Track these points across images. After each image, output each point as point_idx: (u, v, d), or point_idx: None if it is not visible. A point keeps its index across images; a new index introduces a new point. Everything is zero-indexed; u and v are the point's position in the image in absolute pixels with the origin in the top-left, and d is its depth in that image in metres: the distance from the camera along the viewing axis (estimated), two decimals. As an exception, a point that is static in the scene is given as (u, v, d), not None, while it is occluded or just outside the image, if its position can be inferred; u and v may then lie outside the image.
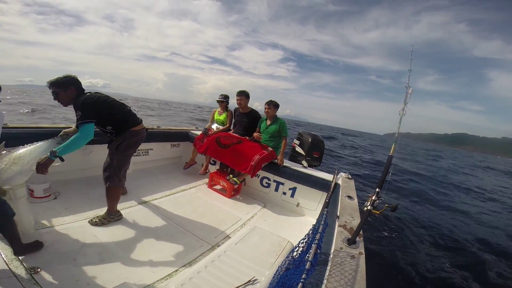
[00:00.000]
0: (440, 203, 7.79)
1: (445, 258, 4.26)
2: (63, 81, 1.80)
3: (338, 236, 1.50)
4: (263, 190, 3.33)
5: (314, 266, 1.00)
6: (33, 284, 1.33)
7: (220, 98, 3.66)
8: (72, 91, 1.83)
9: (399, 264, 3.74)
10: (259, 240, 1.89)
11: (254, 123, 3.46)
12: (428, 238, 5.05)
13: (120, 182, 2.10)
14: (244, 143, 3.16)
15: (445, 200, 8.86)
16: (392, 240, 4.47)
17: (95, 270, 1.56)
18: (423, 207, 7.02)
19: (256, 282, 1.44)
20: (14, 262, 1.44)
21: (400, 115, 1.45)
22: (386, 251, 3.99)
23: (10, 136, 2.04)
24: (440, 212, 7.16)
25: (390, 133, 65.32)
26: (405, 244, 4.46)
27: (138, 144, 2.18)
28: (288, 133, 3.28)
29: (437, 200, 8.16)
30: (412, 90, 1.45)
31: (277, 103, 3.28)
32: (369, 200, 1.37)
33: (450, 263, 4.14)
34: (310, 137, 3.52)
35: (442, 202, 8.25)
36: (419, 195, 8.25)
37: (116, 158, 2.03)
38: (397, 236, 4.69)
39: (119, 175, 2.06)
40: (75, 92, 1.84)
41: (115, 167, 2.03)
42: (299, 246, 1.42)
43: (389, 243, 4.31)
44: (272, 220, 2.80)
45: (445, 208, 7.64)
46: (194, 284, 1.37)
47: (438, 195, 9.28)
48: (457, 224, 6.48)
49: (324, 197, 2.81)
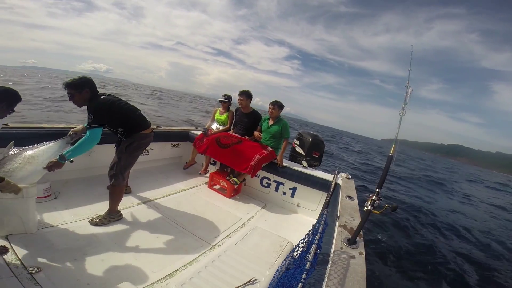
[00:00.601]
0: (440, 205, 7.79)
1: (446, 258, 4.26)
2: (78, 83, 1.84)
3: (338, 236, 1.50)
4: (263, 190, 3.33)
5: (314, 266, 1.00)
6: (33, 284, 1.33)
7: (223, 98, 3.65)
8: (86, 92, 1.87)
9: (399, 264, 3.74)
10: (259, 240, 1.89)
11: (255, 123, 3.46)
12: (429, 238, 5.05)
13: (124, 180, 2.18)
14: (244, 143, 3.16)
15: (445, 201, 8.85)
16: (392, 240, 4.47)
17: (95, 270, 1.56)
18: (423, 208, 7.03)
19: (256, 282, 1.44)
20: (14, 261, 1.44)
21: (400, 115, 1.45)
22: (386, 251, 3.99)
23: (10, 136, 2.04)
24: (442, 212, 7.17)
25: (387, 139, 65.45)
26: (405, 244, 4.46)
27: (146, 146, 2.26)
28: (289, 135, 3.25)
29: (437, 202, 8.16)
30: (412, 90, 1.45)
31: (282, 104, 3.25)
32: (369, 200, 1.37)
33: (450, 263, 4.14)
34: (310, 137, 3.52)
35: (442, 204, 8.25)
36: (419, 196, 8.25)
37: (124, 157, 2.10)
38: (397, 237, 4.69)
39: (123, 174, 2.14)
40: (89, 93, 1.88)
41: (122, 166, 2.10)
42: (299, 246, 1.43)
43: (389, 243, 4.31)
44: (272, 220, 2.79)
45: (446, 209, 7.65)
46: (194, 284, 1.37)
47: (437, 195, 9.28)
48: (457, 224, 6.49)
49: (324, 197, 2.81)
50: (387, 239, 4.41)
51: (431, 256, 4.23)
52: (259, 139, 3.31)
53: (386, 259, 3.75)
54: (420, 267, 3.85)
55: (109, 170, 2.12)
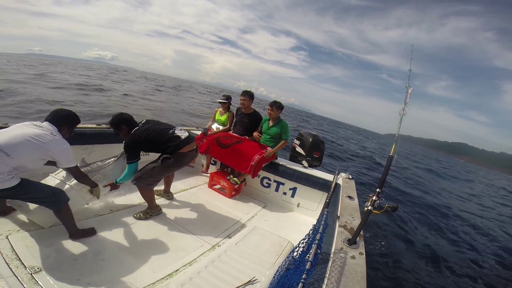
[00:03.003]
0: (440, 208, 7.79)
1: (445, 258, 4.26)
2: (114, 122, 2.08)
3: (339, 236, 1.50)
4: (264, 190, 3.33)
5: (314, 266, 1.00)
6: (33, 283, 1.33)
7: (223, 99, 3.65)
8: (124, 129, 2.08)
9: (399, 264, 3.73)
10: (260, 240, 1.88)
11: (255, 124, 3.45)
12: (429, 238, 5.05)
13: (148, 186, 2.19)
14: (244, 142, 3.16)
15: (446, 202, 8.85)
16: (393, 240, 4.47)
17: (95, 270, 1.56)
18: (423, 209, 7.03)
19: (256, 282, 1.44)
20: (14, 261, 1.44)
21: (401, 115, 1.45)
22: (386, 251, 3.99)
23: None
24: (441, 214, 7.17)
25: (391, 134, 66.57)
26: (405, 244, 4.46)
27: (183, 165, 2.29)
28: (289, 137, 3.19)
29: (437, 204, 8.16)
30: (412, 90, 1.45)
31: (281, 104, 3.18)
32: (370, 200, 1.36)
33: (451, 263, 4.14)
34: (311, 137, 3.52)
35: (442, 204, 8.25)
36: (419, 197, 8.25)
37: (157, 168, 2.14)
38: (397, 237, 4.68)
39: (148, 180, 2.15)
40: (127, 129, 2.09)
41: (150, 173, 2.13)
42: (300, 246, 1.42)
43: (390, 243, 4.30)
44: (272, 220, 2.79)
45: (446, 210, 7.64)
46: (194, 284, 1.37)
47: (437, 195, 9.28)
48: (458, 225, 6.48)
49: (324, 197, 2.81)
50: (388, 239, 4.41)
51: (431, 256, 4.22)
52: (258, 140, 3.30)
53: (386, 259, 3.75)
54: (421, 267, 3.85)
55: (138, 171, 2.14)
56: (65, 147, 1.67)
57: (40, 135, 1.57)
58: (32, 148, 1.52)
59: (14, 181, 1.50)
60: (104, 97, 13.20)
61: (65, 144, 1.68)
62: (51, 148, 1.59)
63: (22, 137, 1.51)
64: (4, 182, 1.46)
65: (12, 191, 1.51)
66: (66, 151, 1.67)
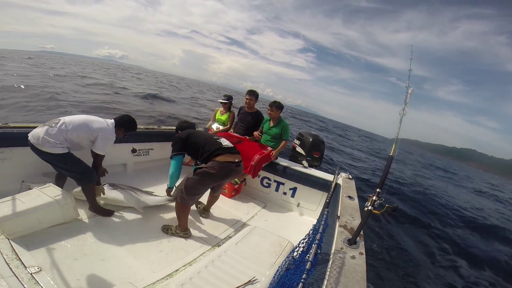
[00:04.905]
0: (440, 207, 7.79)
1: (445, 258, 4.26)
2: (176, 128, 2.46)
3: (339, 236, 1.50)
4: (264, 190, 3.33)
5: (314, 266, 0.99)
6: (33, 283, 1.33)
7: (224, 99, 3.65)
8: (178, 133, 2.32)
9: (399, 264, 3.73)
10: (260, 240, 1.88)
11: (257, 124, 3.45)
12: (429, 238, 5.05)
13: (186, 201, 2.04)
14: (244, 142, 3.16)
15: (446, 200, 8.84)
16: (393, 240, 4.46)
17: (96, 269, 1.56)
18: (423, 209, 7.02)
19: (256, 282, 1.44)
20: (14, 261, 1.44)
21: (401, 115, 1.45)
22: (386, 251, 3.99)
23: (11, 136, 2.04)
24: (442, 212, 7.16)
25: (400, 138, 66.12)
26: (405, 244, 4.46)
27: (222, 178, 2.14)
28: (289, 137, 3.21)
29: (437, 204, 8.15)
30: (412, 90, 1.45)
31: (280, 104, 3.18)
32: (370, 201, 1.36)
33: (451, 264, 4.14)
34: (311, 137, 3.52)
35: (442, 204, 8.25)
36: (418, 197, 8.25)
37: (191, 179, 2.04)
38: (397, 237, 4.68)
39: (186, 195, 2.02)
40: (179, 133, 2.29)
41: (186, 186, 2.02)
42: (300, 246, 1.42)
43: (390, 243, 4.30)
44: (272, 220, 2.79)
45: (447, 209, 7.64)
46: (194, 284, 1.37)
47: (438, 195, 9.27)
48: (458, 224, 6.48)
49: (324, 197, 2.80)
50: (388, 239, 4.41)
51: (431, 256, 4.22)
52: (258, 139, 3.30)
53: (386, 259, 3.75)
54: (421, 267, 3.85)
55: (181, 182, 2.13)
56: (109, 137, 2.03)
57: (98, 121, 2.03)
58: (85, 127, 1.95)
59: (61, 150, 1.85)
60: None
61: (111, 136, 2.04)
62: (99, 132, 1.97)
63: (83, 118, 1.99)
64: (54, 147, 1.81)
65: (55, 158, 1.85)
66: (106, 140, 2.01)
